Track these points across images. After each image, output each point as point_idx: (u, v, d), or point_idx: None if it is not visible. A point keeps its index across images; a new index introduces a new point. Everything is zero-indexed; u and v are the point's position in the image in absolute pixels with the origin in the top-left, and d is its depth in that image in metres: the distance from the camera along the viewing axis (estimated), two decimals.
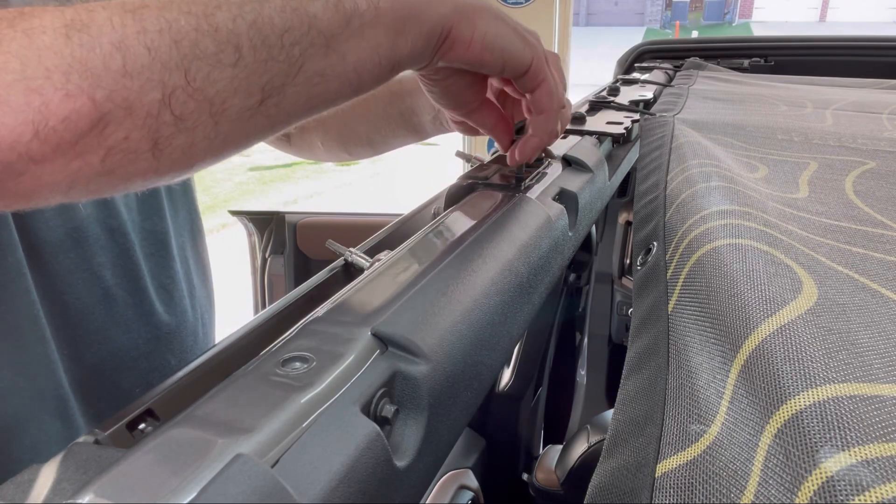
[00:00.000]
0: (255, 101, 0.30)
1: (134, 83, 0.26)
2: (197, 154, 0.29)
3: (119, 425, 0.24)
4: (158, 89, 0.26)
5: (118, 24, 0.26)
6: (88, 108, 0.25)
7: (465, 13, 0.38)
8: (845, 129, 0.65)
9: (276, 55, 0.30)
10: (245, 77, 0.29)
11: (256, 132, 0.31)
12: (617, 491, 0.24)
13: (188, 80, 0.27)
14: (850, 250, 0.33)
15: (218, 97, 0.28)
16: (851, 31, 18.47)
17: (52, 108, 0.24)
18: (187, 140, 0.28)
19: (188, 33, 0.27)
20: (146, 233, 0.57)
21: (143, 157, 0.27)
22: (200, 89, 0.27)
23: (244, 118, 0.30)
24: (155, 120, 0.27)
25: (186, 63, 0.27)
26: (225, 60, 0.28)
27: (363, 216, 1.68)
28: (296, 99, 0.31)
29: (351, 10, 0.33)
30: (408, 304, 0.28)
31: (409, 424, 0.26)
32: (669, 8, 31.59)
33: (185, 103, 0.27)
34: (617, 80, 1.06)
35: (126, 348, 0.54)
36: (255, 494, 0.17)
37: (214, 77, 0.28)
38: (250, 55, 0.29)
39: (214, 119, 0.28)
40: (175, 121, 0.27)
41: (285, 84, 0.30)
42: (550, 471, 0.79)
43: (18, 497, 0.19)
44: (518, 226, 0.40)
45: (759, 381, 0.22)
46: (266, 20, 0.29)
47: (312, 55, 0.31)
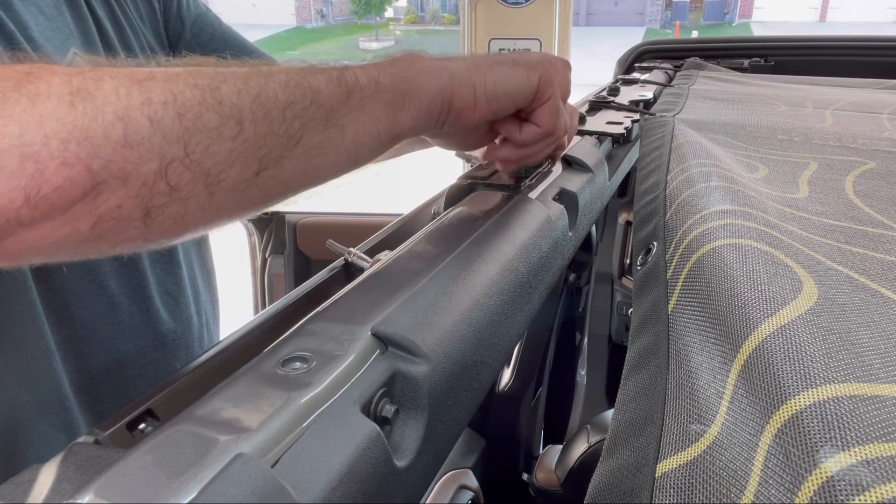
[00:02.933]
0: (252, 172, 0.29)
1: (133, 154, 0.26)
2: (189, 223, 0.29)
3: (119, 425, 0.24)
4: (156, 160, 0.26)
5: (124, 94, 0.26)
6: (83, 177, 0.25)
7: (462, 79, 0.38)
8: (845, 129, 0.65)
9: (277, 129, 0.30)
10: (244, 150, 0.29)
11: (251, 203, 0.31)
12: (617, 491, 0.24)
13: (187, 152, 0.27)
14: (850, 250, 0.33)
15: (215, 168, 0.28)
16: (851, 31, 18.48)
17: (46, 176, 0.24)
18: (180, 209, 0.28)
19: (192, 107, 0.27)
20: None
21: (134, 226, 0.27)
22: (198, 161, 0.27)
23: (239, 189, 0.29)
24: (149, 190, 0.26)
25: (188, 136, 0.27)
26: (226, 134, 0.28)
27: (363, 216, 1.68)
28: (292, 171, 0.31)
29: (352, 84, 0.33)
30: (408, 304, 0.28)
31: (409, 424, 0.26)
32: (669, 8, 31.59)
33: (182, 174, 0.27)
34: (617, 80, 1.06)
35: (133, 356, 0.54)
36: (255, 494, 0.17)
37: (214, 150, 0.28)
38: (251, 129, 0.29)
39: (209, 190, 0.28)
40: (170, 191, 0.27)
41: (283, 156, 0.30)
42: (550, 471, 0.79)
43: (18, 497, 0.19)
44: (518, 226, 0.40)
45: (759, 381, 0.22)
46: (270, 94, 0.30)
47: (312, 128, 0.31)
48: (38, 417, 0.47)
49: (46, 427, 0.47)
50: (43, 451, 0.47)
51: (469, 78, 0.38)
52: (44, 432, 0.47)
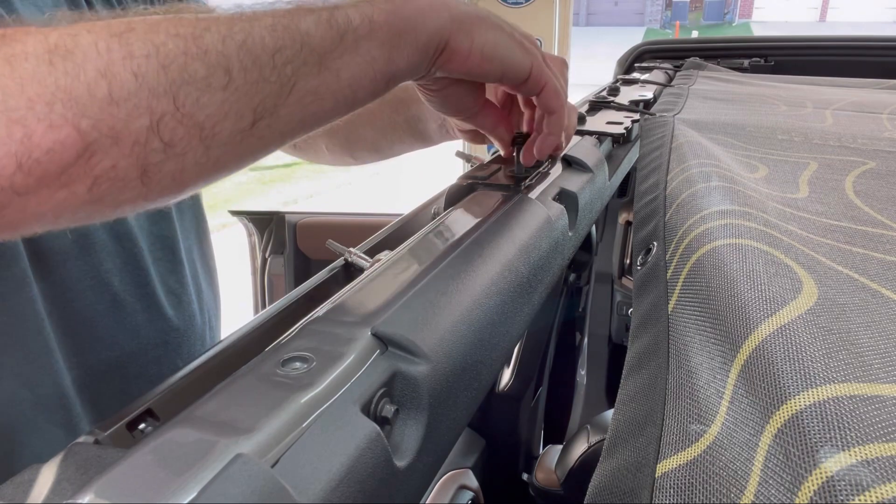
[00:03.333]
0: (247, 123, 0.29)
1: (120, 111, 0.25)
2: (188, 179, 0.28)
3: (119, 425, 0.24)
4: (146, 116, 0.25)
5: (104, 49, 0.25)
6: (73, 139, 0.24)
7: (463, 24, 0.37)
8: (845, 129, 0.65)
9: (268, 76, 0.29)
10: (236, 100, 0.28)
11: (249, 154, 0.31)
12: (617, 491, 0.24)
13: (177, 105, 0.26)
14: (850, 250, 0.33)
15: (208, 121, 0.27)
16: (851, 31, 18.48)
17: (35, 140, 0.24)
18: (177, 166, 0.27)
19: (176, 57, 0.26)
20: (154, 237, 0.57)
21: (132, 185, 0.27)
22: (190, 114, 0.27)
23: (235, 141, 0.29)
24: (143, 147, 0.26)
25: (175, 88, 0.26)
26: (215, 84, 0.27)
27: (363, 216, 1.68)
28: (289, 119, 0.31)
29: (344, 25, 0.32)
30: (408, 304, 0.28)
31: (409, 424, 0.26)
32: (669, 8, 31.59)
33: (175, 129, 0.26)
34: (617, 80, 1.06)
35: (135, 354, 0.54)
36: (255, 494, 0.17)
37: (204, 101, 0.27)
38: (241, 77, 0.28)
39: (205, 144, 0.28)
40: (164, 147, 0.26)
41: (277, 105, 0.30)
42: (550, 471, 0.79)
43: (18, 497, 0.19)
44: (518, 226, 0.40)
45: (759, 381, 0.22)
46: (257, 40, 0.28)
47: (305, 74, 0.30)
48: (37, 415, 0.47)
49: (46, 425, 0.47)
50: (43, 448, 0.47)
51: (469, 26, 0.37)
52: (44, 430, 0.47)
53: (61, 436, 0.48)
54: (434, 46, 0.36)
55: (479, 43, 0.38)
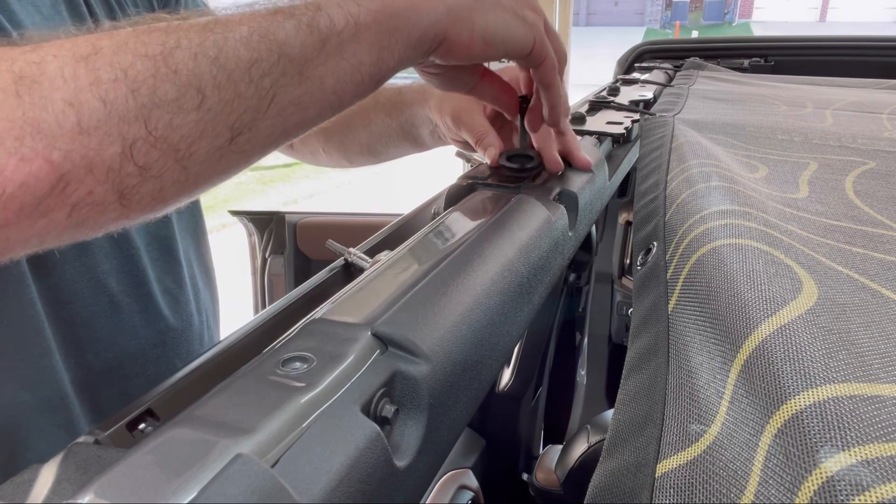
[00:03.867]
0: (224, 140, 0.28)
1: (91, 140, 0.24)
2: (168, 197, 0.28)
3: (119, 425, 0.24)
4: (118, 143, 0.25)
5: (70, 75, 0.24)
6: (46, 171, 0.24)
7: (460, 13, 0.36)
8: (845, 129, 0.65)
9: (244, 91, 0.28)
10: (211, 119, 0.27)
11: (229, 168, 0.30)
12: (617, 491, 0.24)
13: (149, 129, 0.25)
14: (850, 250, 0.33)
15: (183, 142, 0.27)
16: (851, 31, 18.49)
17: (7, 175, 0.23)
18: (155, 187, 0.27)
19: (145, 80, 0.25)
20: (151, 238, 0.57)
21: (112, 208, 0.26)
22: (163, 137, 0.26)
23: (214, 159, 0.28)
24: (118, 173, 0.25)
25: (146, 113, 0.25)
26: (187, 105, 0.26)
27: (363, 216, 1.68)
28: (270, 132, 0.30)
29: (326, 29, 0.30)
30: (408, 304, 0.28)
31: (409, 424, 0.26)
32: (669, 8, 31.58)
33: (148, 153, 0.26)
34: (617, 80, 1.06)
35: (133, 354, 0.54)
36: (255, 494, 0.17)
37: (177, 123, 0.26)
38: (214, 96, 0.27)
39: (181, 164, 0.27)
40: (139, 171, 0.26)
41: (256, 119, 0.29)
42: (550, 471, 0.79)
43: (18, 497, 0.19)
44: (518, 226, 0.40)
45: (759, 381, 0.22)
46: (230, 54, 0.27)
47: (285, 84, 0.29)
48: (37, 416, 0.47)
49: (46, 425, 0.47)
50: (43, 449, 0.47)
51: (469, 15, 0.36)
52: (44, 431, 0.47)
53: (62, 436, 0.48)
54: (429, 41, 0.35)
55: (480, 28, 0.37)
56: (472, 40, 0.37)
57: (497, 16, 0.38)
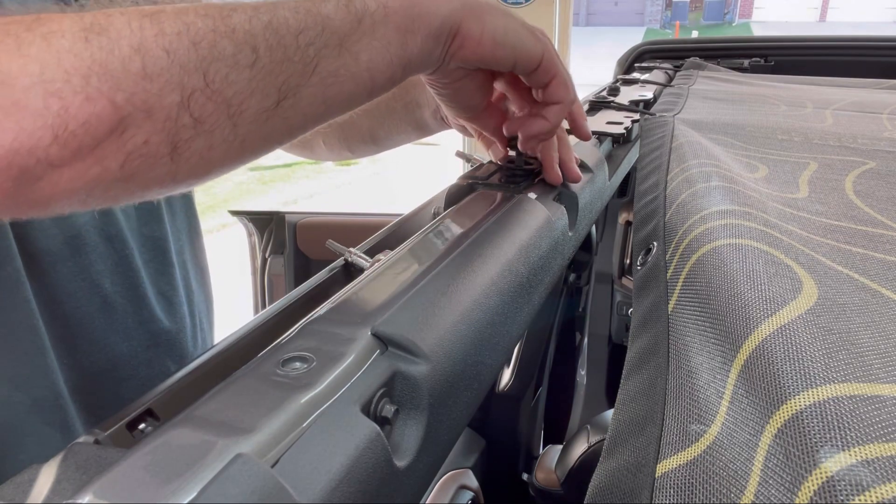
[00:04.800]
0: (272, 101, 0.30)
1: (153, 85, 0.26)
2: (215, 158, 0.29)
3: (119, 425, 0.24)
4: (177, 91, 0.26)
5: (136, 27, 0.26)
6: (108, 112, 0.25)
7: (473, 10, 0.38)
8: (845, 129, 0.65)
9: (292, 55, 0.30)
10: (262, 78, 0.29)
11: (274, 135, 0.31)
12: (617, 491, 0.24)
13: (207, 81, 0.27)
14: (850, 250, 0.33)
15: (236, 98, 0.28)
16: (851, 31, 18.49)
17: (71, 112, 0.24)
18: (206, 143, 0.28)
19: (206, 35, 0.27)
20: (145, 239, 0.57)
21: (162, 162, 0.27)
22: (219, 91, 0.28)
23: (261, 120, 0.30)
24: (174, 123, 0.27)
25: (205, 65, 0.27)
26: (243, 61, 0.28)
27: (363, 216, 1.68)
28: (312, 100, 0.32)
29: (361, 9, 0.33)
30: (408, 304, 0.28)
31: (409, 424, 0.26)
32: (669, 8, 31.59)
33: (204, 105, 0.27)
34: (617, 80, 1.06)
35: (126, 356, 0.54)
36: (255, 494, 0.17)
37: (233, 78, 0.28)
38: (267, 56, 0.29)
39: (233, 121, 0.29)
40: (194, 123, 0.27)
41: (300, 85, 0.31)
42: (550, 471, 0.79)
43: (18, 497, 0.19)
44: (518, 226, 0.40)
45: (759, 381, 0.22)
46: (281, 21, 0.30)
47: (326, 55, 0.31)
48: (32, 417, 0.47)
49: (41, 427, 0.47)
50: (37, 451, 0.47)
51: (480, 12, 0.38)
52: (38, 432, 0.47)
53: (57, 437, 0.48)
54: (447, 32, 0.37)
55: (491, 28, 0.38)
56: (482, 37, 0.38)
57: (507, 21, 0.40)
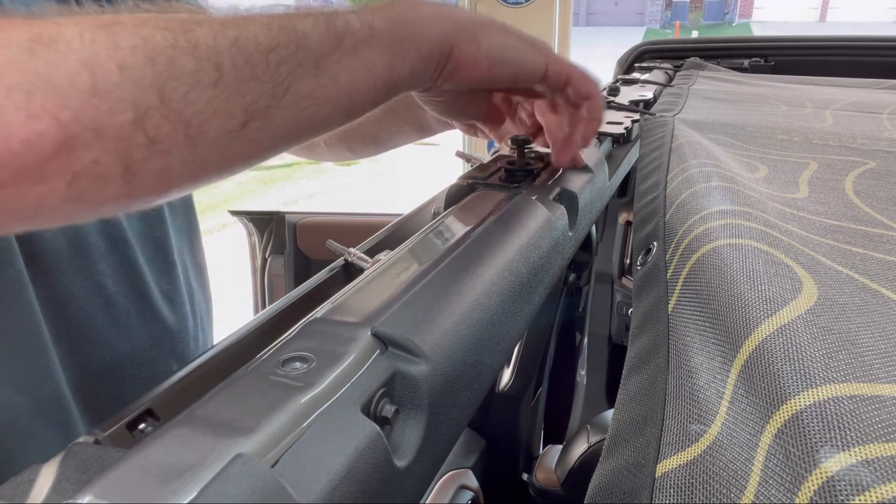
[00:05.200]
0: (237, 123, 0.28)
1: (103, 103, 0.24)
2: (172, 179, 0.27)
3: (119, 425, 0.24)
4: (130, 110, 0.24)
5: (88, 40, 0.24)
6: (53, 130, 0.23)
7: (467, 31, 0.36)
8: (845, 129, 0.65)
9: (261, 75, 0.28)
10: (226, 98, 0.27)
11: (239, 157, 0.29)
12: (617, 491, 0.24)
13: (163, 100, 0.25)
14: (850, 250, 0.33)
15: (196, 118, 0.26)
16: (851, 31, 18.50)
17: (12, 130, 0.22)
18: (162, 164, 0.26)
19: (164, 50, 0.25)
20: (146, 239, 0.57)
21: (114, 183, 0.25)
22: (177, 110, 0.26)
23: (224, 142, 0.28)
24: (126, 143, 0.25)
25: (162, 82, 0.25)
26: (204, 80, 0.26)
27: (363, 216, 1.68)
28: (283, 122, 0.29)
29: (343, 28, 0.31)
30: (408, 304, 0.28)
31: (409, 424, 0.26)
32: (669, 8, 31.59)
33: (160, 125, 0.25)
34: (617, 80, 1.06)
35: (129, 356, 0.54)
36: (255, 494, 0.17)
37: (192, 97, 0.26)
38: (232, 74, 0.27)
39: (192, 142, 0.26)
40: (148, 143, 0.25)
41: (270, 106, 0.29)
42: (550, 471, 0.79)
43: (18, 497, 0.19)
44: (518, 226, 0.40)
45: (759, 381, 0.22)
46: (250, 38, 0.28)
47: (301, 76, 0.29)
48: (34, 419, 0.47)
49: (43, 428, 0.47)
50: (40, 452, 0.47)
51: (474, 33, 0.36)
52: (40, 434, 0.47)
53: (59, 439, 0.48)
54: (438, 55, 0.35)
55: (486, 48, 0.37)
56: (477, 59, 0.37)
57: (504, 38, 0.38)
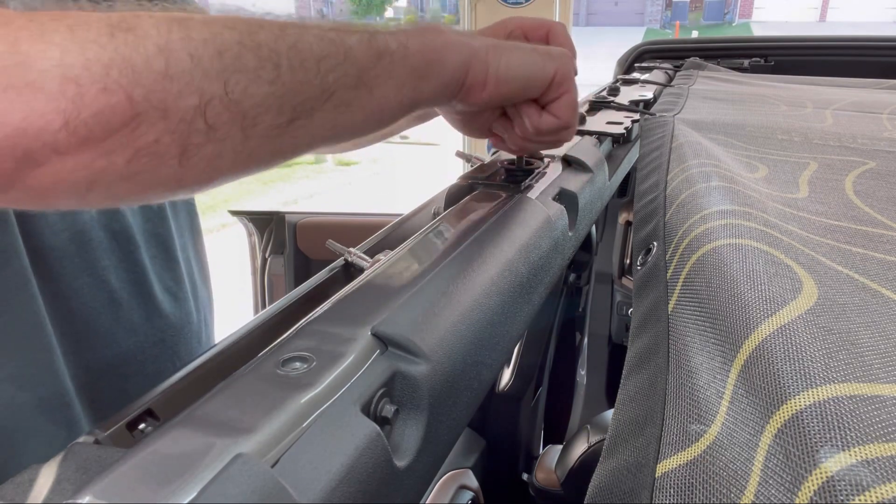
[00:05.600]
0: (285, 119, 0.30)
1: (173, 86, 0.26)
2: (223, 167, 0.29)
3: (119, 425, 0.24)
4: (196, 96, 0.26)
5: (164, 30, 0.26)
6: (124, 106, 0.25)
7: (478, 55, 0.39)
8: (845, 129, 0.65)
9: (312, 79, 0.30)
10: (281, 95, 0.29)
11: (281, 152, 0.32)
12: (617, 491, 0.24)
13: (227, 90, 0.27)
14: (850, 250, 0.33)
15: (252, 111, 0.28)
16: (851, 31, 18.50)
17: (86, 100, 0.24)
18: (215, 151, 0.28)
19: (231, 46, 0.27)
20: (150, 235, 0.57)
21: (170, 164, 0.27)
22: (237, 101, 0.28)
23: (272, 136, 0.30)
24: (188, 126, 0.27)
25: (227, 74, 0.27)
26: (264, 76, 0.28)
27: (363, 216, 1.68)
28: (322, 124, 0.32)
29: (383, 47, 0.34)
30: (408, 304, 0.28)
31: (409, 424, 0.26)
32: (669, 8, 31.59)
33: (220, 114, 0.27)
34: (617, 80, 1.06)
35: (132, 351, 0.54)
36: (255, 494, 0.17)
37: (252, 91, 0.28)
38: (288, 75, 0.29)
39: (245, 133, 0.29)
40: (207, 129, 0.27)
41: (314, 108, 0.31)
42: (550, 471, 0.79)
43: (18, 497, 0.19)
44: (518, 226, 0.40)
45: (759, 381, 0.22)
46: (306, 45, 0.30)
47: (344, 84, 0.32)
48: (37, 417, 0.47)
49: (46, 425, 0.47)
50: (43, 449, 0.47)
51: (485, 56, 0.39)
52: (43, 431, 0.47)
53: (62, 436, 0.48)
54: (457, 80, 0.38)
55: (494, 69, 0.39)
56: (486, 80, 0.39)
57: (512, 55, 0.40)
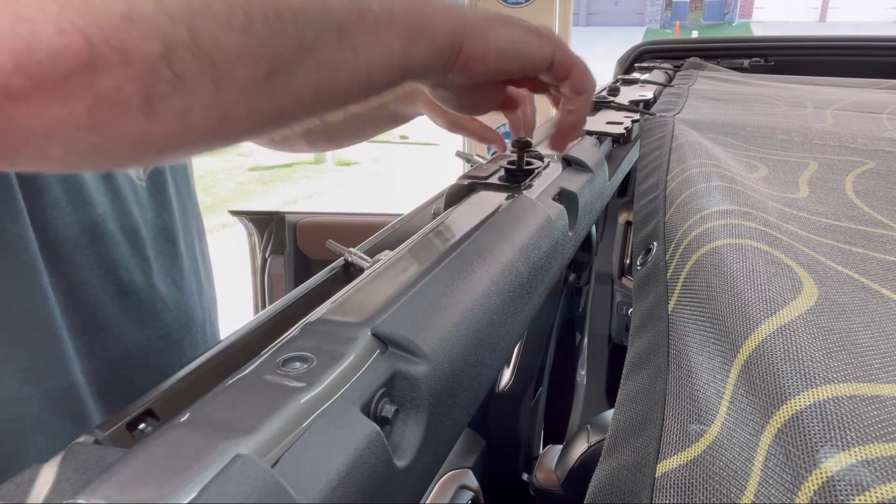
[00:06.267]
0: (261, 72, 0.28)
1: (135, 29, 0.24)
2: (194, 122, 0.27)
3: (119, 425, 0.24)
4: (160, 40, 0.25)
5: None
6: (81, 47, 0.23)
7: (475, 27, 0.38)
8: (845, 129, 0.65)
9: (288, 29, 0.29)
10: (253, 47, 0.28)
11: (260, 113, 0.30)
12: (617, 491, 0.24)
13: (193, 36, 0.26)
14: (850, 250, 0.33)
15: (222, 61, 0.27)
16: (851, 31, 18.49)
17: (40, 39, 0.22)
18: (184, 104, 0.26)
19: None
20: (157, 230, 0.57)
21: (133, 115, 0.25)
22: (205, 49, 0.26)
23: (248, 92, 0.28)
24: (152, 74, 0.25)
25: (194, 19, 0.26)
26: (234, 23, 0.27)
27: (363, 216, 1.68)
28: (304, 85, 0.30)
29: (365, 7, 0.32)
30: (408, 304, 0.28)
31: (409, 424, 0.26)
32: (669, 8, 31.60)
33: (187, 62, 0.26)
34: (617, 80, 1.06)
35: (139, 345, 0.54)
36: (255, 494, 0.17)
37: (221, 39, 0.26)
38: (262, 24, 0.28)
39: (216, 85, 0.27)
40: (173, 78, 0.26)
41: (295, 64, 0.30)
42: (550, 471, 0.79)
43: (18, 497, 0.19)
44: (518, 226, 0.40)
45: (759, 381, 0.22)
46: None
47: (325, 42, 0.30)
48: (44, 411, 0.47)
49: (55, 419, 0.47)
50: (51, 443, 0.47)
51: (482, 27, 0.38)
52: (52, 425, 0.47)
53: (70, 429, 0.48)
54: (449, 48, 0.37)
55: (494, 42, 0.39)
56: (486, 52, 0.38)
57: (510, 31, 0.40)
